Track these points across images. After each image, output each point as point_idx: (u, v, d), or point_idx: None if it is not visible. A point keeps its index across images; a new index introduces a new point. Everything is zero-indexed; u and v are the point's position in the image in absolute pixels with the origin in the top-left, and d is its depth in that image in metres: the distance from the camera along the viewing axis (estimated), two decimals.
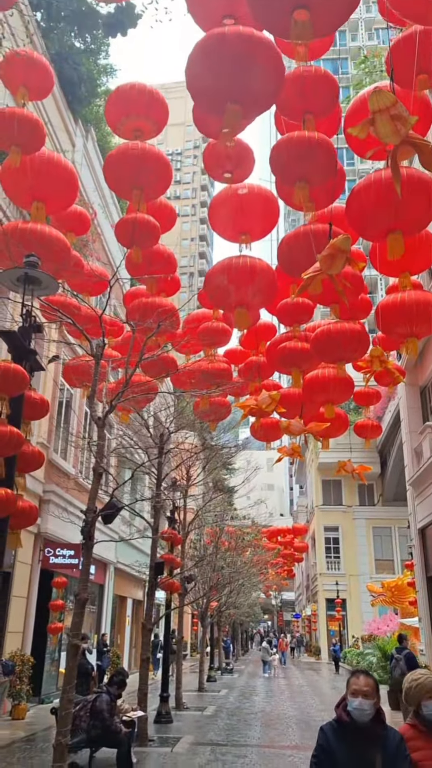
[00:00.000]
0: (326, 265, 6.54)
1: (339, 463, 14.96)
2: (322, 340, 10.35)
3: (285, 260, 8.80)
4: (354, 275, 10.34)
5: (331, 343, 10.26)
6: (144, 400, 12.25)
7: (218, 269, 10.00)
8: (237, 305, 10.23)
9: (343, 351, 10.26)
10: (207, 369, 12.39)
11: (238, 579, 21.96)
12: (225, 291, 10.04)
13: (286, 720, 13.84)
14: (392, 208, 7.49)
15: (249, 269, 9.75)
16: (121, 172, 8.37)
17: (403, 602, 25.81)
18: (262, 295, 10.02)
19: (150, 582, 11.22)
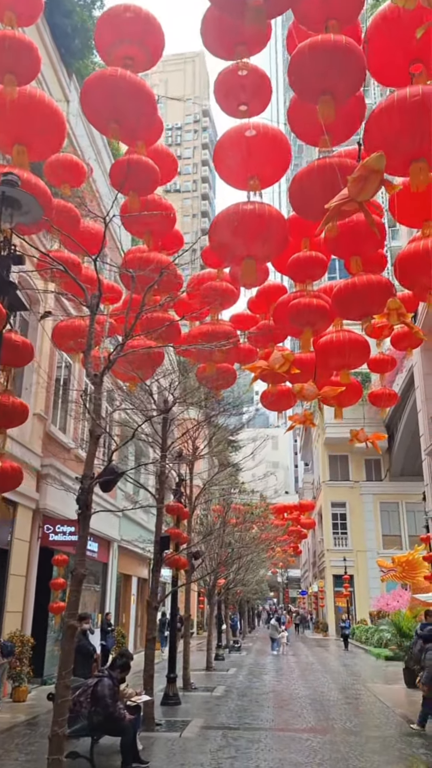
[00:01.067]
0: (356, 190, 5.66)
1: (352, 432, 14.18)
2: (345, 294, 9.51)
3: (298, 200, 7.91)
4: (378, 223, 9.49)
5: (356, 297, 9.42)
6: (149, 367, 11.46)
7: (224, 216, 9.13)
8: (245, 256, 9.38)
9: (369, 305, 9.39)
10: (211, 332, 11.59)
11: (246, 555, 21.34)
12: (231, 240, 9.21)
13: (299, 700, 13.25)
14: (417, 132, 6.62)
15: (258, 216, 8.89)
16: (97, 101, 7.44)
17: (414, 577, 25.28)
18: (272, 244, 9.17)
19: (155, 557, 10.53)
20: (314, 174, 7.42)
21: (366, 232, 9.38)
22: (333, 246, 9.63)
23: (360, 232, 9.39)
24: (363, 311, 9.52)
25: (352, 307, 9.55)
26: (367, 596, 39.14)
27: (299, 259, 10.59)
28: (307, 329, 10.69)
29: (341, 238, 9.39)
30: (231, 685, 15.44)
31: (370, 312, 9.49)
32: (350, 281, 9.45)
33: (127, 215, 8.88)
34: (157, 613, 10.47)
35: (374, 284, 9.37)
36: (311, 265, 10.52)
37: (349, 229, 9.39)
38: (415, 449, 40.77)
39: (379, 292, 9.24)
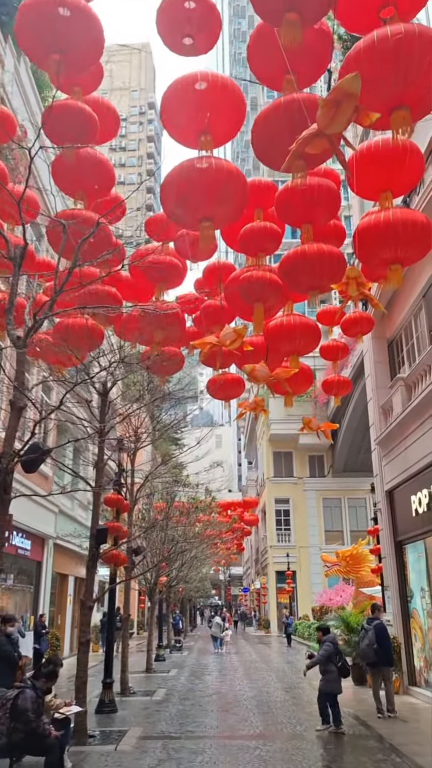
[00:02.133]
0: (327, 119, 4.90)
1: (304, 419, 13.51)
2: (293, 263, 8.79)
3: (261, 142, 7.11)
4: (330, 190, 8.84)
5: (305, 267, 8.71)
6: (87, 346, 10.45)
7: (177, 174, 8.23)
8: (202, 218, 8.53)
9: (319, 277, 8.73)
10: (151, 314, 10.67)
11: (190, 551, 20.49)
12: (187, 200, 8.33)
13: (244, 702, 12.51)
14: (400, 75, 5.93)
15: (216, 171, 8.04)
16: (36, 26, 6.41)
17: (358, 571, 24.98)
18: (232, 204, 8.31)
19: (91, 552, 9.54)
20: (280, 111, 6.63)
21: (321, 196, 8.74)
22: (285, 210, 8.91)
23: (315, 196, 8.72)
24: (312, 283, 8.82)
25: (300, 278, 8.84)
26: (310, 592, 39.02)
27: (252, 230, 9.84)
28: (258, 306, 9.95)
29: (294, 202, 8.71)
30: (172, 688, 14.57)
31: (319, 285, 8.82)
32: (299, 249, 8.73)
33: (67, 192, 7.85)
34: (91, 613, 9.50)
35: (325, 254, 8.69)
36: (264, 236, 9.79)
37: (303, 192, 8.70)
38: (357, 445, 41.02)
39: (331, 263, 8.58)
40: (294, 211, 8.88)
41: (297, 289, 9.11)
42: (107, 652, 11.71)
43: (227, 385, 12.73)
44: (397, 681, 13.23)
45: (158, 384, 14.86)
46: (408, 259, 8.66)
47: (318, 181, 8.76)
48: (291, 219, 9.13)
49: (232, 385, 12.78)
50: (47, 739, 6.39)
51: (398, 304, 14.79)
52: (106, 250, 7.90)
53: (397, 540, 14.02)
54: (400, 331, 14.90)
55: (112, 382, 10.26)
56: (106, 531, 9.40)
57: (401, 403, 13.24)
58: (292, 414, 44.63)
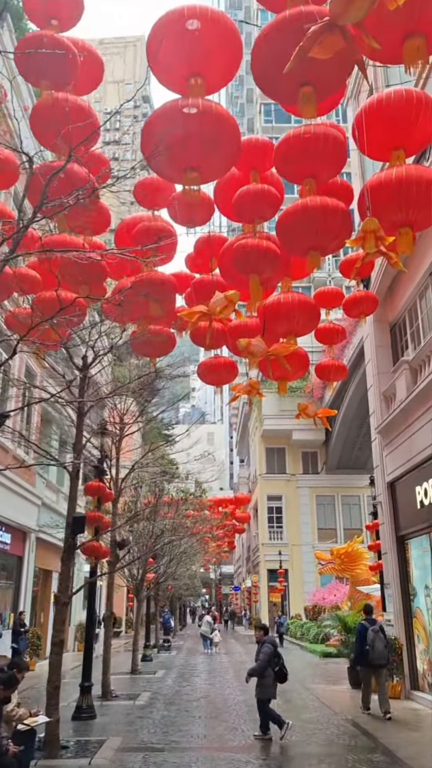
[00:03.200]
0: (341, 6, 3.99)
1: (300, 405, 12.64)
2: (294, 219, 7.89)
3: (262, 65, 6.19)
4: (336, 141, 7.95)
5: (306, 223, 7.81)
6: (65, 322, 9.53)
7: (160, 116, 7.36)
8: (186, 167, 7.63)
9: (322, 234, 7.84)
10: (143, 280, 9.75)
11: (179, 546, 19.55)
12: (169, 147, 7.42)
13: (234, 708, 11.60)
14: None
15: (203, 116, 7.18)
16: None
17: (353, 569, 24.17)
18: (221, 153, 7.47)
19: (66, 543, 8.61)
20: (284, 27, 5.72)
21: (327, 146, 7.85)
22: (285, 163, 8.01)
23: (319, 146, 7.84)
24: (313, 241, 7.94)
25: (301, 236, 7.96)
26: (302, 591, 38.22)
27: (247, 194, 8.93)
28: (253, 277, 9.05)
29: (296, 153, 7.81)
30: (158, 691, 13.65)
31: (321, 244, 7.93)
32: (300, 203, 7.84)
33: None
34: (66, 609, 8.57)
35: (329, 208, 7.81)
36: (261, 200, 8.89)
37: (307, 141, 7.82)
38: (351, 441, 40.24)
39: (335, 219, 7.69)
40: (295, 162, 7.98)
41: (297, 249, 8.20)
42: (86, 652, 10.77)
43: (219, 368, 11.84)
44: (398, 685, 12.38)
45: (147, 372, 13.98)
46: (419, 223, 7.80)
47: (324, 130, 7.88)
48: (291, 172, 8.24)
49: (224, 369, 11.90)
50: (4, 756, 5.47)
51: (402, 284, 13.92)
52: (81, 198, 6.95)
53: (399, 535, 13.15)
54: (404, 314, 14.03)
55: (93, 357, 9.32)
56: (84, 519, 8.48)
57: (405, 388, 12.36)
58: (285, 409, 43.82)
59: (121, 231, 10.40)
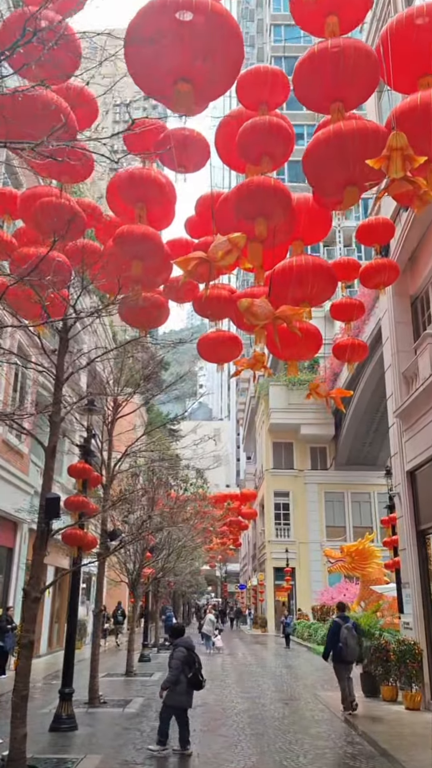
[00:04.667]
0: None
1: (311, 385, 11.33)
2: (328, 147, 6.64)
3: None
4: (369, 57, 6.76)
5: (343, 153, 6.55)
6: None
7: (147, 15, 6.19)
8: (176, 78, 6.44)
9: (360, 166, 6.52)
10: (122, 233, 8.51)
11: (178, 539, 18.32)
12: (158, 53, 6.34)
13: (235, 719, 10.36)
14: None
15: (195, 15, 6.07)
16: None
17: (364, 568, 22.84)
18: (219, 57, 6.27)
19: (39, 528, 7.41)
20: None
21: (358, 63, 6.63)
22: (308, 84, 6.83)
23: (349, 63, 6.65)
24: (350, 174, 6.65)
25: (335, 169, 6.70)
26: (309, 590, 36.97)
27: (254, 127, 7.66)
28: (260, 222, 7.79)
29: (321, 72, 6.58)
30: (152, 697, 12.43)
31: (360, 176, 6.63)
32: (333, 128, 6.63)
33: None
34: (37, 606, 7.39)
35: (369, 132, 6.59)
36: (269, 134, 7.63)
37: (334, 57, 6.64)
38: (362, 436, 38.87)
39: (377, 144, 6.43)
40: (321, 83, 6.75)
41: (329, 185, 6.92)
42: (66, 654, 9.55)
43: (221, 343, 10.60)
44: (417, 695, 11.14)
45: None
46: None
47: (354, 43, 6.67)
48: (315, 96, 7.00)
49: (227, 345, 10.64)
50: None
51: (425, 253, 12.63)
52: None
53: (419, 529, 11.88)
54: (427, 285, 12.73)
55: (74, 319, 8.10)
56: (58, 501, 7.27)
57: (430, 365, 11.08)
58: (293, 403, 42.52)
59: (113, 188, 9.19)
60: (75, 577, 9.89)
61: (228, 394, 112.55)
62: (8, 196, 9.06)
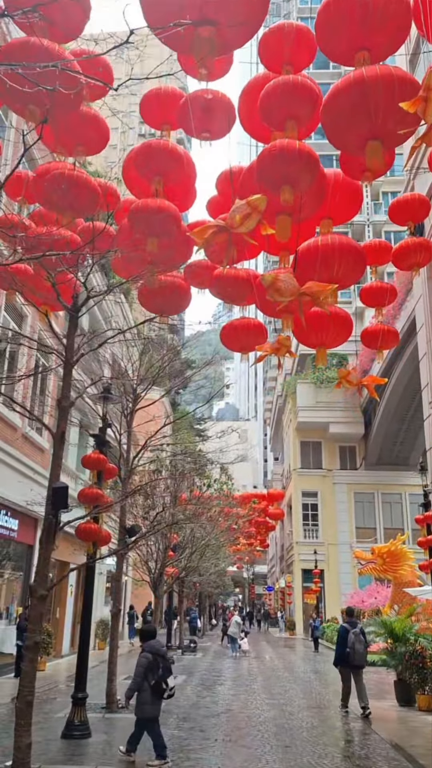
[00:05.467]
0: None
1: (340, 372, 10.58)
2: (349, 96, 5.98)
3: None
4: None
5: (365, 102, 5.89)
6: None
7: None
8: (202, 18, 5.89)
9: (385, 117, 5.85)
10: (136, 208, 7.94)
11: (202, 537, 17.70)
12: None
13: (260, 727, 9.69)
14: None
15: None
16: None
17: (396, 570, 22.01)
18: None
19: (46, 520, 6.87)
20: None
21: (387, 9, 5.95)
22: (332, 30, 6.15)
23: (379, 6, 5.98)
24: (373, 127, 5.97)
25: (356, 120, 6.03)
26: (339, 592, 36.01)
27: (277, 86, 6.99)
28: (285, 189, 7.11)
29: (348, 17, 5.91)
30: (173, 702, 11.79)
31: (384, 129, 5.94)
32: (354, 74, 5.97)
33: None
34: (43, 604, 6.84)
35: (396, 79, 5.90)
36: (295, 94, 6.93)
37: (362, 3, 5.99)
38: (393, 435, 37.78)
39: (404, 91, 5.75)
40: (346, 29, 6.08)
41: (351, 139, 6.23)
42: (80, 656, 9.00)
43: (245, 331, 9.94)
44: None
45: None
46: None
47: None
48: (339, 45, 6.32)
49: (250, 332, 9.97)
50: None
51: None
52: None
53: None
54: None
55: (86, 297, 7.56)
56: (66, 491, 6.73)
57: None
58: (321, 401, 41.59)
59: (129, 162, 8.63)
60: (89, 574, 9.34)
61: (255, 395, 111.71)
62: (24, 180, 8.58)
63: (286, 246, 8.62)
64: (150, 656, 7.33)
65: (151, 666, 7.27)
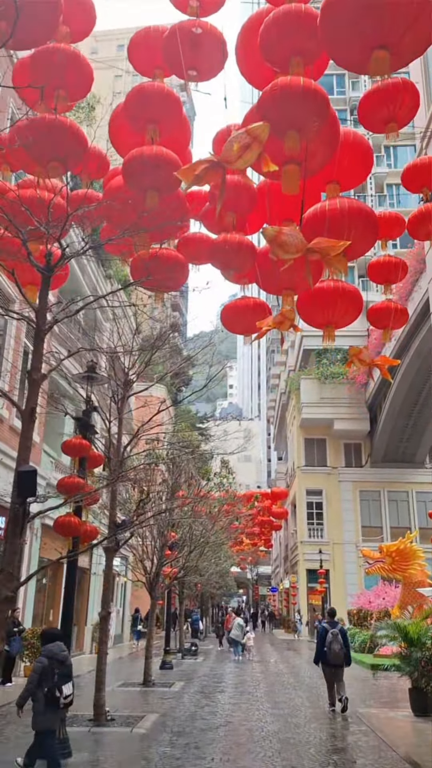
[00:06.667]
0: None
1: (351, 350, 9.56)
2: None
3: None
4: None
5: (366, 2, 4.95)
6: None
7: None
8: None
9: (391, 23, 4.89)
10: (138, 156, 6.98)
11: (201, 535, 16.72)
12: None
13: (262, 743, 8.72)
14: None
15: None
16: None
17: (405, 570, 21.00)
18: None
19: (12, 509, 5.92)
20: None
21: None
22: None
23: None
24: (381, 35, 5.00)
25: (357, 20, 5.07)
26: (345, 593, 35.02)
27: (278, 18, 6.04)
28: (290, 135, 6.14)
29: None
30: (168, 713, 10.87)
31: (391, 37, 4.96)
32: None
33: None
34: (8, 606, 5.90)
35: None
36: (299, 23, 5.97)
37: None
38: (399, 432, 36.74)
39: None
40: None
41: (354, 48, 5.24)
42: None
43: (246, 311, 8.98)
44: None
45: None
46: None
47: None
48: None
49: (252, 312, 9.01)
50: None
51: None
52: None
53: None
54: None
55: (63, 249, 6.62)
56: (34, 475, 5.79)
57: None
58: (326, 397, 40.57)
59: (118, 116, 7.69)
60: (70, 573, 8.41)
61: (258, 394, 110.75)
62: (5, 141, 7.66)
63: (289, 214, 7.71)
64: (45, 661, 6.38)
65: (45, 672, 6.31)
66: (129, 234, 7.26)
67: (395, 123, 6.64)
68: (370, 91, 6.64)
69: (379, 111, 6.67)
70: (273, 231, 6.63)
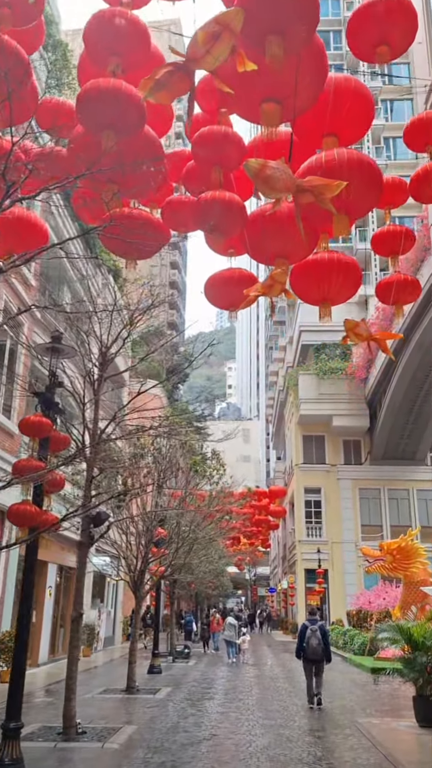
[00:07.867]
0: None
1: (347, 323, 8.46)
2: None
3: None
4: None
5: None
6: None
7: None
8: None
9: None
10: (93, 89, 5.98)
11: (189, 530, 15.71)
12: None
13: (248, 761, 7.70)
14: None
15: None
16: None
17: (407, 568, 20.06)
18: None
19: None
20: None
21: None
22: None
23: None
24: None
25: None
26: (344, 593, 34.09)
27: None
28: (271, 41, 5.15)
29: None
30: (148, 724, 9.87)
31: None
32: None
33: None
34: None
35: None
36: None
37: None
38: (399, 429, 35.74)
39: None
40: None
41: None
42: (13, 675, 7.00)
43: (232, 282, 8.00)
44: None
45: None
46: None
47: None
48: None
49: (237, 285, 8.01)
50: None
51: None
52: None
53: None
54: None
55: (19, 183, 5.64)
56: None
57: None
58: (324, 393, 39.58)
59: (83, 56, 6.70)
60: (28, 571, 7.42)
61: (257, 394, 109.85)
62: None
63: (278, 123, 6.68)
64: None
65: None
66: (91, 176, 6.26)
67: (387, 46, 5.73)
68: (360, 8, 5.73)
69: (368, 31, 5.77)
70: (257, 164, 5.64)
